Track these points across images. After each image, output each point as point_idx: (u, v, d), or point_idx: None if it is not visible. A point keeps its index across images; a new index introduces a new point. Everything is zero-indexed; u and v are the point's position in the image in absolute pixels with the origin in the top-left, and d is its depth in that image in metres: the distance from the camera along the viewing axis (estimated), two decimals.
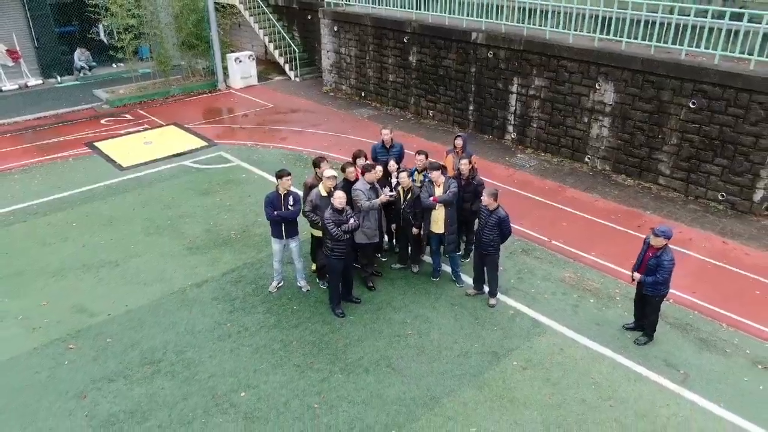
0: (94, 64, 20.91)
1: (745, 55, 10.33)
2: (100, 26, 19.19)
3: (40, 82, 19.96)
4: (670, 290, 7.71)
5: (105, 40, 19.32)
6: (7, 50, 19.29)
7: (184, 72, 20.00)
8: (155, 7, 19.33)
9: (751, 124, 10.24)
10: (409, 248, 9.18)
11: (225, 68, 19.73)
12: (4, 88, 19.15)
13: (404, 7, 16.26)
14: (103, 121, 16.49)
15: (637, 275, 7.11)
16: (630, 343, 7.56)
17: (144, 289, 8.83)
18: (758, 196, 10.48)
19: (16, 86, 19.41)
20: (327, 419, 6.42)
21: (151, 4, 18.78)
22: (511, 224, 8.04)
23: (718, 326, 7.90)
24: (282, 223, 8.13)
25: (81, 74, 20.61)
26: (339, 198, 7.45)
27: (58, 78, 20.21)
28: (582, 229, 10.38)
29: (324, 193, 7.95)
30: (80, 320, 8.14)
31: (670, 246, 7.14)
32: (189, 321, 8.09)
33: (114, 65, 20.93)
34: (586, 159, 12.86)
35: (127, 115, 16.92)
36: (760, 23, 10.07)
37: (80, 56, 20.60)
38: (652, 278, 6.99)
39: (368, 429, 6.29)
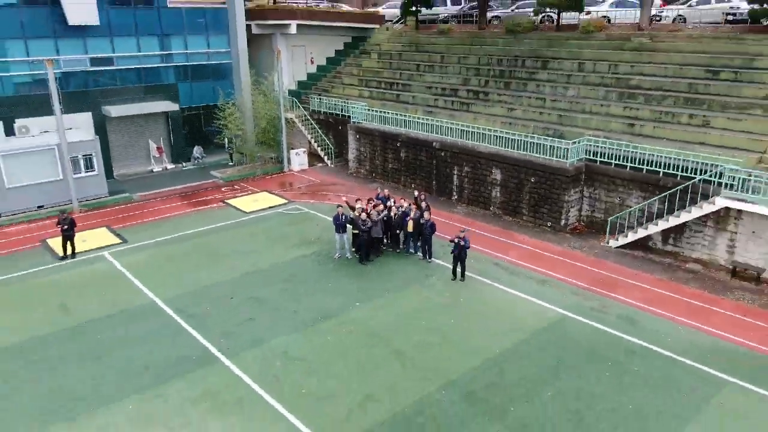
0: (205, 155, 33.19)
1: (554, 158, 22.04)
2: (227, 140, 31.57)
3: (173, 166, 32.12)
4: (505, 256, 19.03)
5: (228, 146, 31.74)
6: (157, 147, 31.60)
7: (263, 161, 32.11)
8: (247, 121, 31.79)
9: (556, 189, 21.79)
10: (399, 241, 20.57)
11: (288, 158, 31.80)
12: (154, 170, 31.30)
13: (398, 126, 28.36)
14: (222, 189, 28.37)
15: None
16: (492, 274, 18.68)
17: (274, 258, 20.14)
18: (563, 222, 21.87)
19: (161, 169, 31.59)
20: (356, 306, 17.61)
21: (247, 121, 31.25)
22: (448, 238, 19.35)
23: (516, 266, 19.07)
24: (339, 226, 19.60)
25: (196, 162, 32.82)
26: (373, 216, 19.09)
27: (183, 164, 32.41)
28: (484, 241, 21.66)
29: (356, 215, 19.43)
30: (253, 268, 19.43)
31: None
32: (300, 268, 19.35)
33: (241, 164, 32.46)
34: (491, 208, 24.41)
35: (236, 186, 28.82)
36: (561, 144, 21.88)
37: (197, 151, 32.92)
38: (466, 243, 18.10)
39: (369, 293, 17.43)
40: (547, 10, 31.23)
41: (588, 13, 30.60)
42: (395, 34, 38.31)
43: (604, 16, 30.57)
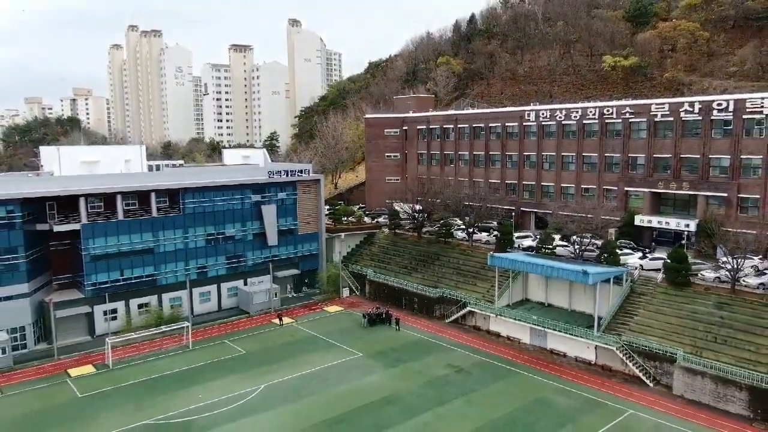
0: (308, 290, 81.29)
1: (430, 294, 70.22)
2: (317, 282, 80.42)
3: (295, 294, 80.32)
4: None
5: (316, 285, 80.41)
6: (315, 286, 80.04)
7: (331, 292, 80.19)
8: (325, 276, 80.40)
9: (431, 303, 69.76)
10: (383, 319, 68.48)
11: (341, 291, 79.84)
12: (289, 296, 79.56)
13: (386, 280, 76.61)
14: (318, 304, 76.66)
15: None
16: (406, 328, 66.18)
17: (344, 326, 67.86)
18: (434, 314, 69.69)
19: (291, 295, 79.86)
20: (366, 339, 65.36)
21: (325, 276, 80.00)
22: (394, 314, 67.19)
23: (414, 326, 66.69)
24: (363, 315, 67.55)
25: (303, 292, 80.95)
26: (377, 311, 67.55)
27: (300, 293, 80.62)
28: (409, 320, 69.15)
29: (372, 312, 67.49)
30: (339, 328, 67.15)
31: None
32: (353, 328, 67.07)
33: (322, 294, 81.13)
34: (413, 311, 72.25)
35: (322, 303, 76.90)
36: (432, 289, 70.27)
37: (305, 288, 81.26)
38: (389, 314, 65.76)
39: (370, 332, 65.02)
40: (443, 232, 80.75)
41: (453, 237, 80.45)
42: (386, 235, 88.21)
43: (462, 238, 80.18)
